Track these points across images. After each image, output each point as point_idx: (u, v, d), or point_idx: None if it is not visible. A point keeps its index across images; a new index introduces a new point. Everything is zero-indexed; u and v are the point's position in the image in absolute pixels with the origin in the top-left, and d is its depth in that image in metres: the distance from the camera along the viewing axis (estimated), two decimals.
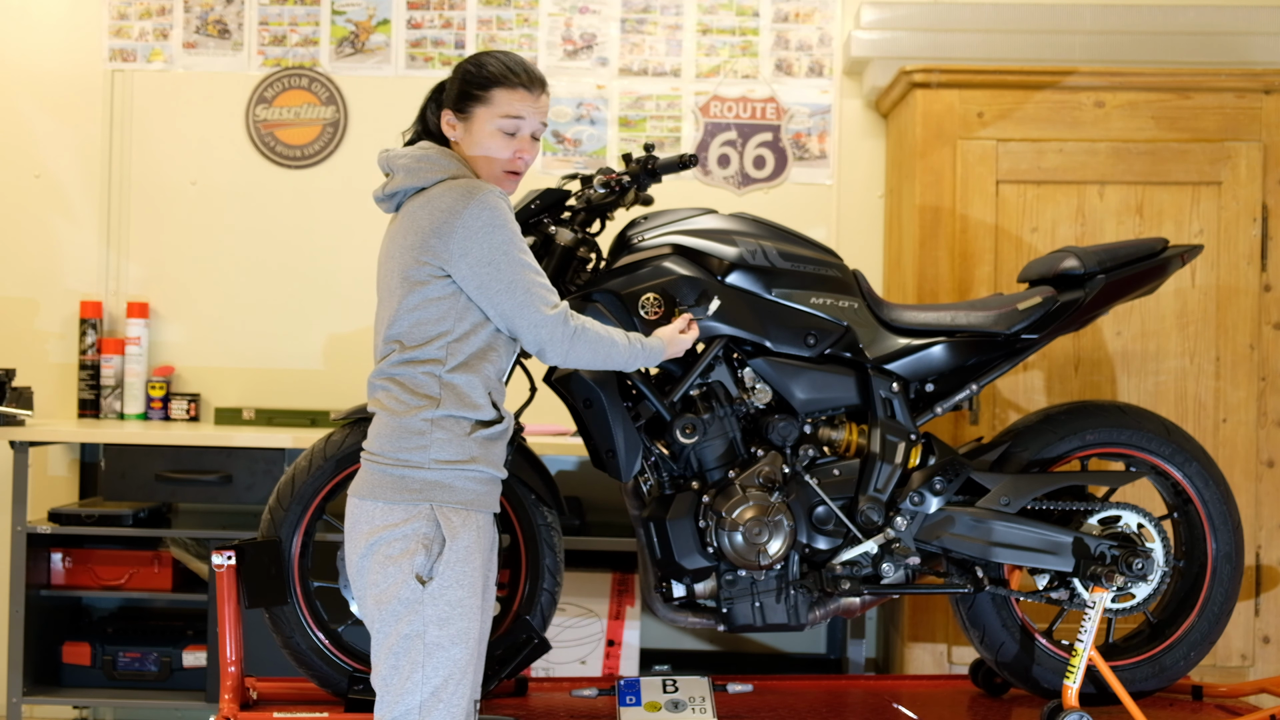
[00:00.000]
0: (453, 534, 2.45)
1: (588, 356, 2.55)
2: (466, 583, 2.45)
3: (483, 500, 2.52)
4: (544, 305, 2.49)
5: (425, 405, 2.47)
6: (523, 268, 2.47)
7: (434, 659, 2.42)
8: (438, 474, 2.46)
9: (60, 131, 4.36)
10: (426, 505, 2.45)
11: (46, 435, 3.88)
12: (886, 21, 4.04)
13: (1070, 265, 3.09)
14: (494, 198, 2.47)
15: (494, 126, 2.56)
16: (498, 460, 2.55)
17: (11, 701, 3.83)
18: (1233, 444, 3.70)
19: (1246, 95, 3.70)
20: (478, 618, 2.48)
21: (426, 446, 2.46)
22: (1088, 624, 2.94)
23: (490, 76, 2.56)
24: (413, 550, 2.43)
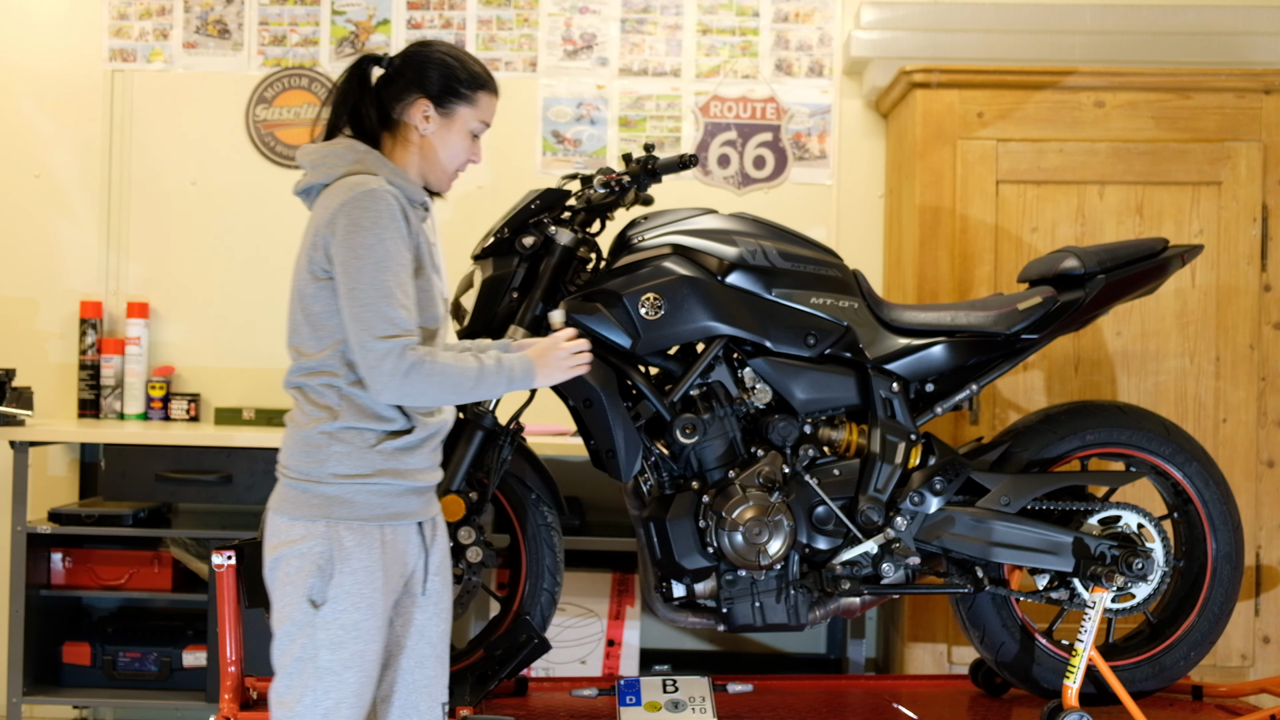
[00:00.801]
0: (346, 555, 2.33)
1: (431, 393, 2.34)
2: (364, 605, 2.34)
3: (392, 512, 2.39)
4: (378, 329, 2.30)
5: (324, 418, 2.36)
6: (373, 279, 2.30)
7: (324, 683, 2.32)
8: (336, 488, 2.35)
9: (60, 131, 4.36)
10: (322, 523, 2.34)
11: (46, 435, 3.88)
12: (886, 21, 4.04)
13: (1070, 265, 3.09)
14: (376, 197, 2.33)
15: (470, 128, 2.50)
16: (417, 469, 2.42)
17: (11, 701, 3.83)
18: (1233, 444, 3.70)
19: (1246, 95, 3.70)
20: (376, 639, 2.37)
21: (324, 460, 2.36)
22: (1088, 624, 2.94)
23: (477, 78, 2.50)
24: (307, 571, 2.33)
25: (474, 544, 2.92)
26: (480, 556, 2.93)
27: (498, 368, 2.41)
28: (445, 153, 2.50)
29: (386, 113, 2.49)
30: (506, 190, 3.97)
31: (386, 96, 2.49)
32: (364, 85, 2.51)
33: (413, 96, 2.48)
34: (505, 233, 2.96)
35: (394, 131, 2.49)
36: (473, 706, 2.92)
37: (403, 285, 2.33)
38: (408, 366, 2.29)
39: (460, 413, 2.96)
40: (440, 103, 2.48)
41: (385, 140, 2.49)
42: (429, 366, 2.31)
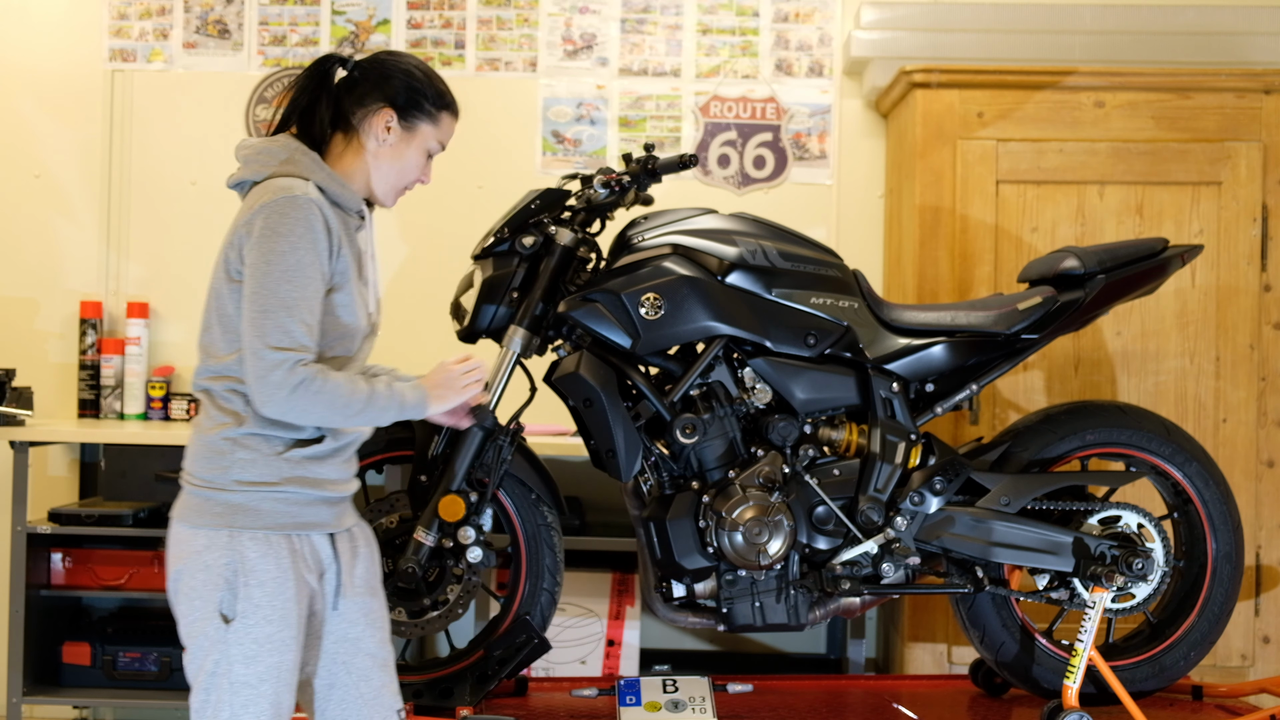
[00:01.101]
0: (251, 567, 2.27)
1: (316, 412, 2.26)
2: (276, 617, 2.28)
3: (300, 521, 2.33)
4: (273, 338, 2.23)
5: (229, 423, 2.30)
6: (278, 288, 2.24)
7: (240, 697, 2.27)
8: (240, 496, 2.29)
9: (60, 131, 4.36)
10: (225, 532, 2.28)
11: (46, 435, 3.88)
12: (886, 21, 4.04)
13: (1070, 265, 3.09)
14: (297, 204, 2.26)
15: (427, 146, 2.47)
16: (328, 479, 2.36)
17: (11, 701, 3.83)
18: (1233, 444, 3.70)
19: (1246, 95, 3.70)
20: (292, 648, 2.31)
21: (228, 467, 2.29)
22: (1088, 624, 2.94)
23: (443, 96, 2.49)
24: (214, 585, 2.27)
25: (474, 544, 2.92)
26: (480, 556, 2.92)
27: (389, 392, 2.34)
28: (399, 166, 2.45)
29: (344, 116, 2.43)
30: (506, 190, 3.98)
31: (347, 101, 2.43)
32: (324, 85, 2.44)
33: (377, 105, 2.43)
34: (505, 232, 2.96)
35: (348, 137, 2.44)
36: (473, 706, 2.92)
37: (307, 300, 2.26)
38: (296, 381, 2.22)
39: None
40: (404, 115, 2.44)
41: (337, 144, 2.44)
42: (318, 385, 2.24)
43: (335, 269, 2.32)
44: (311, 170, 2.36)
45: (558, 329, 2.96)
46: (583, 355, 2.90)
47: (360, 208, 2.43)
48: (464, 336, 3.01)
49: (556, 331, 2.97)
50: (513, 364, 2.93)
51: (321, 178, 2.36)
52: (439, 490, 2.89)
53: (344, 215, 2.38)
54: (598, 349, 2.92)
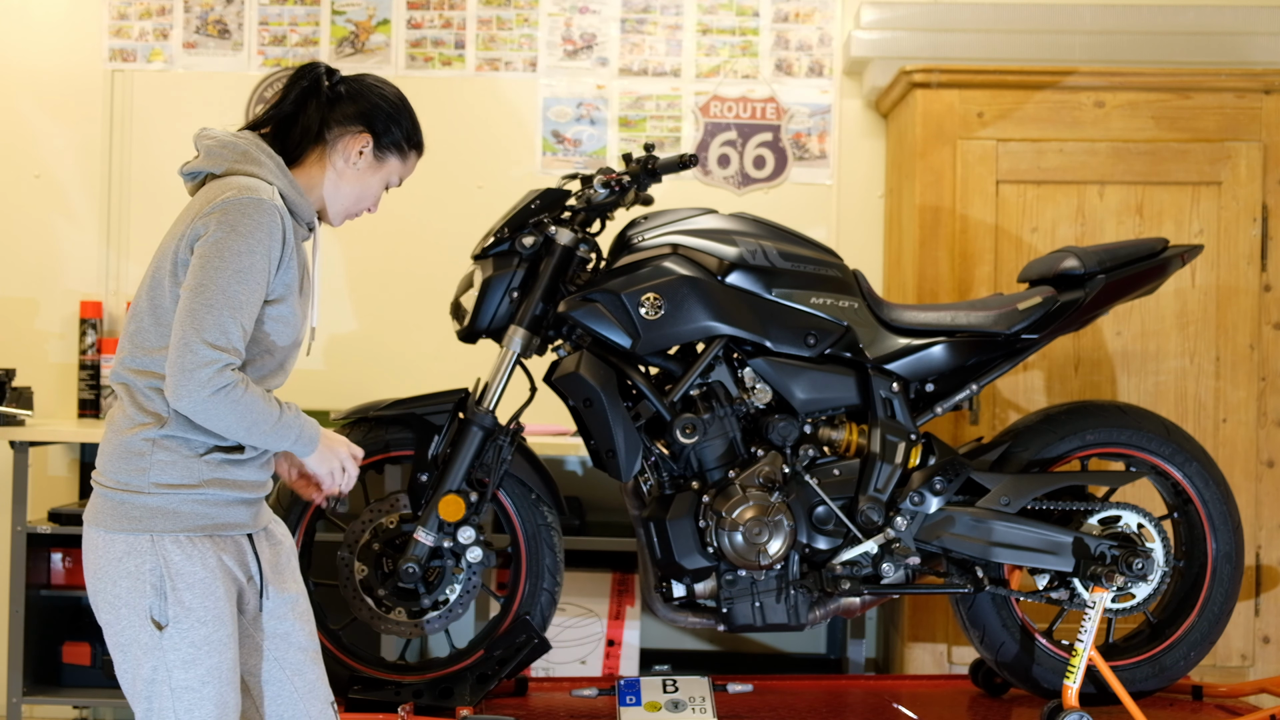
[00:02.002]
0: (177, 571, 2.24)
1: (227, 421, 2.21)
2: (210, 619, 2.25)
3: (220, 523, 2.30)
4: (210, 335, 2.18)
5: (149, 423, 2.25)
6: (227, 286, 2.19)
7: (183, 702, 2.24)
8: (159, 499, 2.24)
9: (60, 131, 4.36)
10: (145, 537, 2.24)
11: (46, 435, 3.88)
12: (886, 21, 4.04)
13: (1070, 265, 3.09)
14: (262, 209, 2.24)
15: (389, 179, 2.47)
16: (246, 480, 2.32)
17: (11, 701, 3.83)
18: (1233, 444, 3.70)
19: (1246, 95, 3.70)
20: (230, 647, 2.28)
21: (146, 469, 2.25)
22: (1088, 624, 2.94)
23: (415, 135, 2.49)
24: (141, 591, 2.23)
25: (474, 544, 2.92)
26: (480, 556, 2.93)
27: (295, 420, 2.30)
28: (358, 192, 2.44)
29: (321, 130, 2.41)
30: (506, 190, 3.97)
31: (328, 115, 2.41)
32: (315, 94, 2.42)
33: (357, 128, 2.42)
34: (505, 232, 2.96)
35: (319, 150, 2.41)
36: (473, 706, 2.92)
37: (250, 306, 2.22)
38: (220, 385, 2.18)
39: (460, 413, 2.96)
40: (379, 144, 2.43)
41: (310, 154, 2.41)
42: (238, 394, 2.19)
43: (280, 280, 2.29)
44: (274, 174, 2.34)
45: (558, 329, 2.97)
46: (583, 355, 2.91)
47: (312, 220, 2.41)
48: (464, 336, 3.02)
49: (556, 331, 2.97)
50: (513, 364, 2.94)
51: (283, 183, 2.34)
52: (439, 490, 2.89)
53: (295, 225, 2.37)
54: (598, 349, 2.92)
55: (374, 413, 3.00)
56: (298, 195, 2.37)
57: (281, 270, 2.28)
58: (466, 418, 2.94)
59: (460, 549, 2.92)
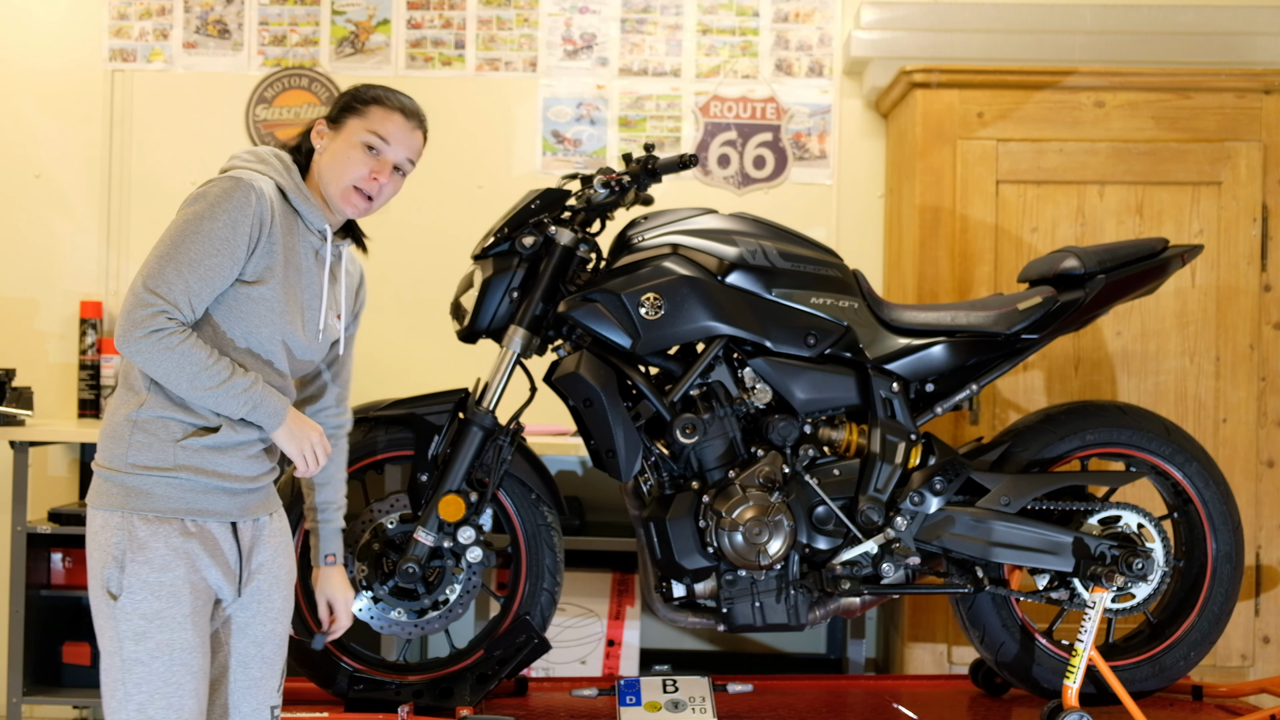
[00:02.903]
0: (140, 544, 2.30)
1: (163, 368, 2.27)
2: (164, 594, 2.29)
3: (196, 508, 2.35)
4: (154, 282, 2.27)
5: (132, 404, 2.35)
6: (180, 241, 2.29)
7: (133, 675, 2.29)
8: (134, 479, 2.33)
9: (60, 131, 4.36)
10: (118, 513, 2.32)
11: (46, 435, 3.88)
12: (886, 21, 4.04)
13: (1070, 265, 3.09)
14: (237, 183, 2.34)
15: (359, 139, 2.48)
16: (228, 471, 2.37)
17: (11, 701, 3.83)
18: (1233, 444, 3.70)
19: (1246, 95, 3.70)
20: (186, 627, 2.31)
21: (125, 450, 2.34)
22: (1088, 624, 2.94)
23: (374, 96, 2.53)
24: (104, 563, 2.31)
25: (474, 544, 2.92)
26: (480, 556, 2.93)
27: (252, 389, 2.33)
28: (334, 163, 2.49)
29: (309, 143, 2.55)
30: (506, 190, 3.98)
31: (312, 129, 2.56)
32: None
33: (316, 121, 2.55)
34: (505, 232, 2.96)
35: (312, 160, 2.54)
36: (473, 706, 2.92)
37: (204, 269, 2.29)
38: (154, 328, 2.25)
39: (460, 413, 2.96)
40: (333, 119, 2.52)
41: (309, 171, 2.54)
42: (175, 341, 2.26)
43: (257, 261, 2.36)
44: (279, 173, 2.45)
45: (558, 329, 2.96)
46: (583, 355, 2.90)
47: (322, 226, 2.48)
48: (464, 336, 3.01)
49: (556, 331, 2.97)
50: (513, 364, 2.94)
51: (287, 182, 2.45)
52: (439, 490, 2.89)
53: (299, 225, 2.46)
54: (598, 349, 2.92)
55: (374, 413, 3.00)
56: (303, 198, 2.46)
57: (259, 252, 2.36)
58: (466, 418, 2.94)
59: (460, 549, 2.92)
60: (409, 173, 2.56)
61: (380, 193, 2.52)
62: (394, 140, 2.51)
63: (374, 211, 2.54)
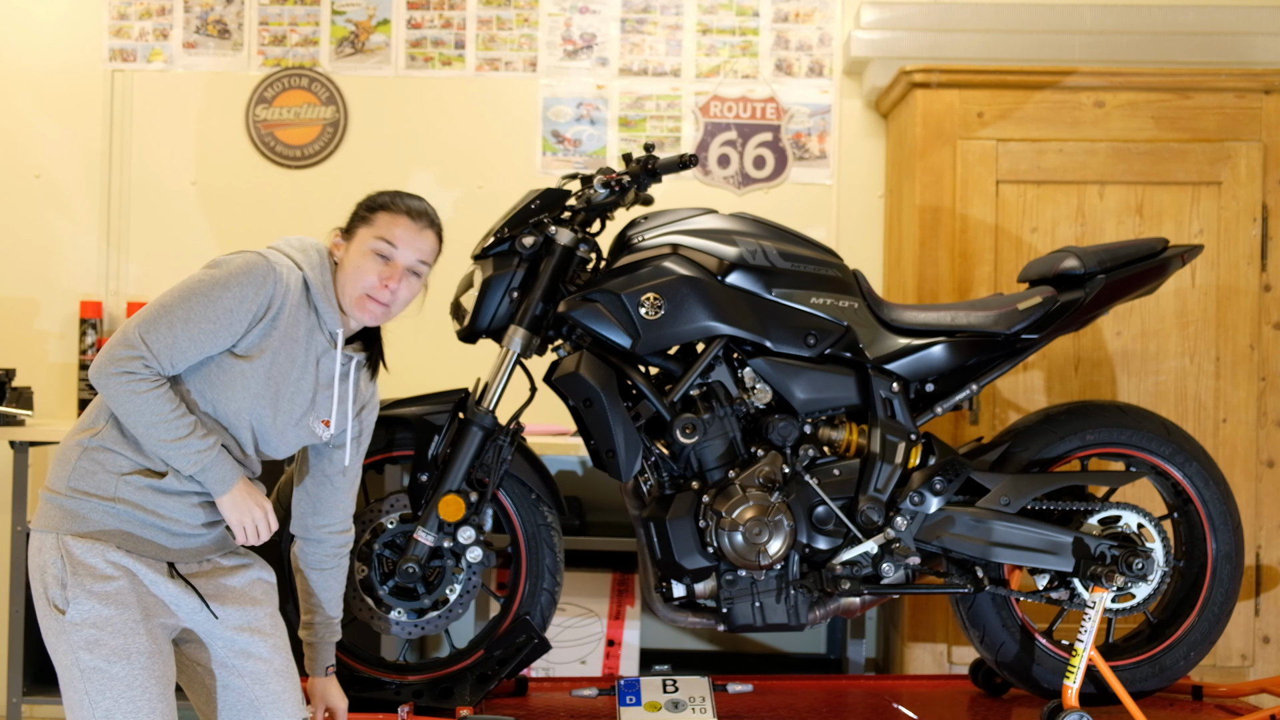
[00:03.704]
0: (78, 561, 2.33)
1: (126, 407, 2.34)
2: (111, 600, 2.32)
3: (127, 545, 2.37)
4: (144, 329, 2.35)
5: (86, 432, 2.41)
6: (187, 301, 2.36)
7: (94, 683, 2.30)
8: (72, 502, 2.36)
9: (60, 131, 4.36)
10: (53, 535, 2.35)
11: (46, 435, 3.87)
12: (886, 21, 4.04)
13: (1070, 265, 3.09)
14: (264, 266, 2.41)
15: (369, 246, 2.53)
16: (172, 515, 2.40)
17: (11, 701, 3.83)
18: (1233, 444, 3.70)
19: (1246, 95, 3.70)
20: (139, 632, 2.33)
21: (69, 474, 2.38)
22: (1088, 624, 2.94)
23: (379, 202, 2.58)
24: (45, 583, 2.34)
25: (474, 544, 2.92)
26: (480, 556, 2.92)
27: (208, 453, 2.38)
28: (348, 273, 2.54)
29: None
30: (506, 190, 3.98)
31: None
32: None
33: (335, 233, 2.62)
34: (505, 232, 2.96)
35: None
36: (473, 706, 2.92)
37: (197, 332, 2.35)
38: (126, 369, 2.32)
39: (460, 413, 2.96)
40: (346, 230, 2.60)
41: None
42: (143, 389, 2.33)
43: (253, 339, 2.41)
44: (313, 267, 2.52)
45: (558, 329, 2.96)
46: (583, 355, 2.90)
47: (335, 329, 2.54)
48: (464, 336, 3.02)
49: (556, 331, 2.97)
50: (513, 364, 2.94)
51: (316, 278, 2.52)
52: (439, 490, 2.89)
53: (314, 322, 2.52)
54: (598, 349, 2.92)
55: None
56: (326, 300, 2.52)
57: (257, 331, 2.41)
58: (466, 418, 2.94)
59: (460, 549, 2.92)
60: (425, 275, 2.60)
61: (395, 298, 2.56)
62: (402, 244, 2.54)
63: (393, 317, 2.60)
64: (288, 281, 2.45)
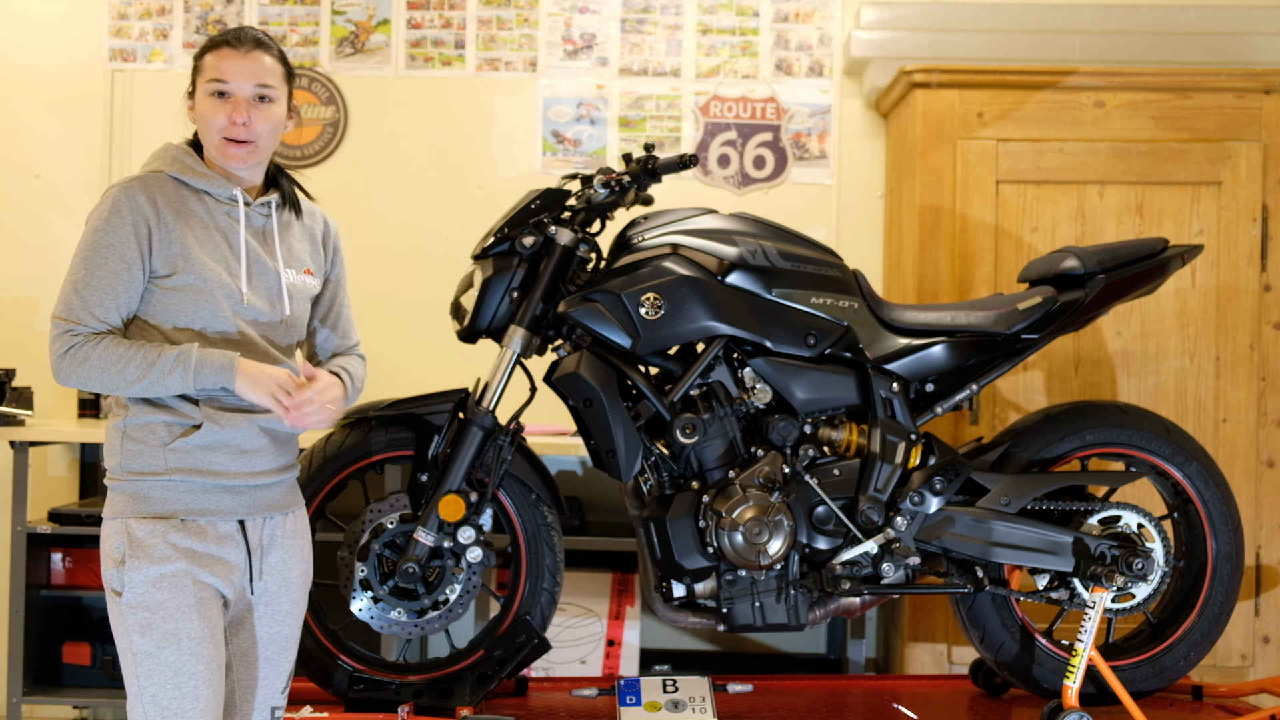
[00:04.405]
0: (137, 544, 2.33)
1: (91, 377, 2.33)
2: (165, 585, 2.31)
3: (195, 508, 2.37)
4: (60, 309, 2.35)
5: (120, 413, 2.41)
6: (74, 266, 2.35)
7: (144, 668, 2.31)
8: (131, 485, 2.37)
9: (60, 131, 4.36)
10: (119, 521, 2.36)
11: (46, 435, 3.88)
12: (886, 21, 4.04)
13: (1070, 265, 3.09)
14: (106, 195, 2.39)
15: (206, 91, 2.42)
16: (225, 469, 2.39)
17: (11, 701, 3.83)
18: (1233, 444, 3.70)
19: (1246, 95, 3.70)
20: (192, 617, 2.32)
21: (120, 459, 2.39)
22: (1088, 624, 2.94)
23: (204, 47, 2.46)
24: (109, 567, 2.35)
25: (474, 544, 2.92)
26: (480, 556, 2.92)
27: (180, 355, 2.32)
28: (200, 130, 2.47)
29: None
30: (506, 190, 3.98)
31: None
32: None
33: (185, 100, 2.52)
34: (505, 232, 2.96)
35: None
36: (473, 706, 2.92)
37: (98, 280, 2.33)
38: (63, 349, 2.32)
39: (460, 413, 2.96)
40: (190, 89, 2.49)
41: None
42: (84, 352, 2.32)
43: (158, 256, 2.37)
44: (168, 162, 2.46)
45: (558, 329, 2.96)
46: (583, 355, 2.90)
47: (231, 192, 2.45)
48: (464, 336, 3.01)
49: (556, 331, 2.97)
50: (513, 364, 2.94)
51: (180, 168, 2.45)
52: (439, 490, 2.89)
53: (207, 202, 2.44)
54: (598, 349, 2.92)
55: (374, 413, 3.00)
56: (203, 176, 2.45)
57: (157, 247, 2.37)
58: (466, 418, 2.94)
59: (460, 549, 2.92)
60: (279, 99, 2.46)
61: (253, 131, 2.42)
62: (233, 76, 2.41)
63: (266, 152, 2.48)
64: (151, 190, 2.39)
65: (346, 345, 2.70)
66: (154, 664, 2.31)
